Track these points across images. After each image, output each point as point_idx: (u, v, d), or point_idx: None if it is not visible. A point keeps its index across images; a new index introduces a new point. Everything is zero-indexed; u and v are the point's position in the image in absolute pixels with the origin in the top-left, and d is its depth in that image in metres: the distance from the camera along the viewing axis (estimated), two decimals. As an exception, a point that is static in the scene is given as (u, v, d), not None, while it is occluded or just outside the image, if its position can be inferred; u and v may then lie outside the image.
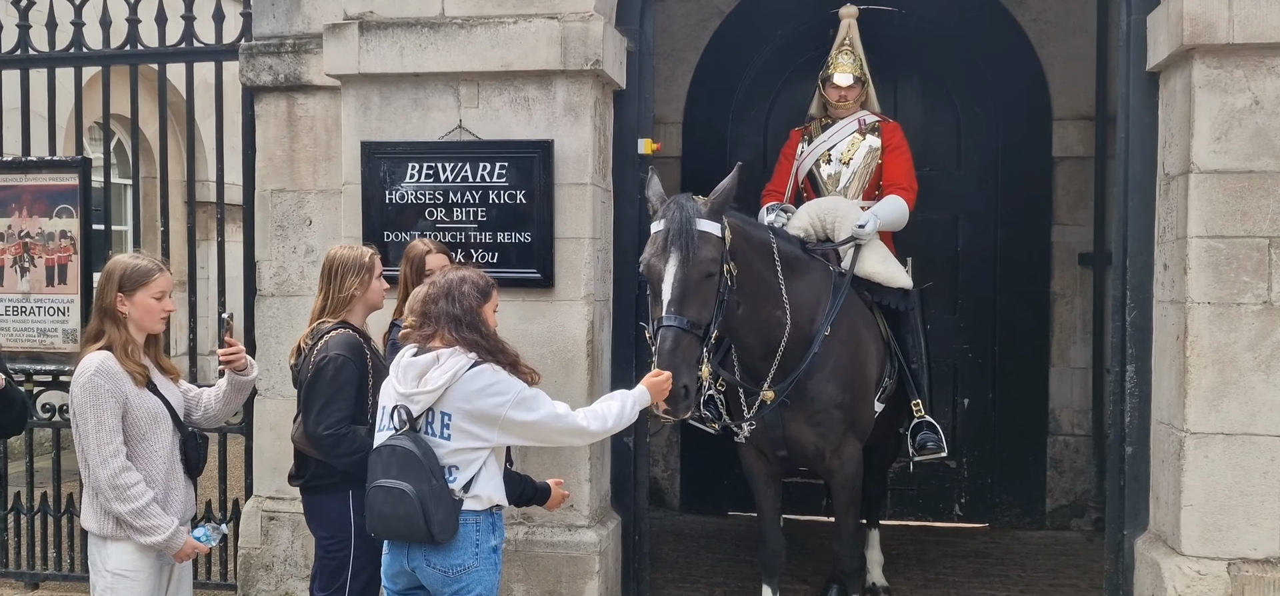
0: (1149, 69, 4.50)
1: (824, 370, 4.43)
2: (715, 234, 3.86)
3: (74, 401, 3.20)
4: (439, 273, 3.49)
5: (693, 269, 3.75)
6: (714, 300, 3.79)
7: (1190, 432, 4.19)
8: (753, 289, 4.14)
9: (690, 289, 3.74)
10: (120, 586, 3.24)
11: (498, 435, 3.22)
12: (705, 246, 3.79)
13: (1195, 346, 4.17)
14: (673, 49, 6.91)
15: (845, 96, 5.34)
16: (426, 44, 4.63)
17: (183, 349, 5.94)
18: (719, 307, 3.83)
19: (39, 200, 5.43)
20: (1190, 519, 4.20)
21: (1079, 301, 6.72)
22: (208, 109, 5.60)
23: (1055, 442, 6.79)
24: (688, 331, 3.71)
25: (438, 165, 4.67)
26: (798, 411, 4.44)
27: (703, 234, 3.80)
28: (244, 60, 5.14)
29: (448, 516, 3.14)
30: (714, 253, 3.81)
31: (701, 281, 3.77)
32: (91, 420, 3.15)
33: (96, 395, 3.14)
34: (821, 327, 4.40)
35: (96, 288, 3.35)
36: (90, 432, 3.15)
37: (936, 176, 6.48)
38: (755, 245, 4.24)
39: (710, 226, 3.84)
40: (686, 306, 3.72)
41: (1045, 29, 6.69)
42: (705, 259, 3.77)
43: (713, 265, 3.80)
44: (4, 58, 5.60)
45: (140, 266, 3.29)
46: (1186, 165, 4.20)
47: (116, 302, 3.24)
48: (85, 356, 3.23)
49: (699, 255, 3.76)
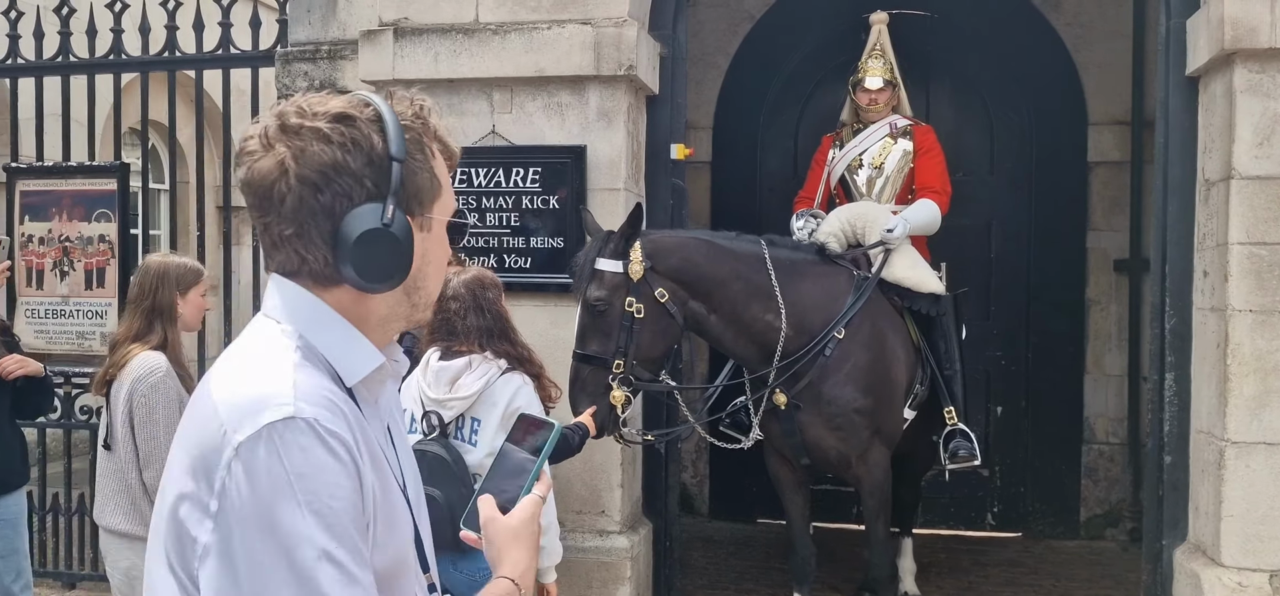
0: (1189, 73, 4.45)
1: (839, 373, 4.41)
2: (613, 270, 4.06)
3: (140, 398, 3.22)
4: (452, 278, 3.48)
5: (587, 307, 4.07)
6: (617, 331, 4.05)
7: (1231, 442, 4.12)
8: (723, 298, 4.27)
9: (588, 324, 4.08)
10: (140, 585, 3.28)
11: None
12: (598, 286, 4.03)
13: (1236, 354, 4.11)
14: (704, 54, 6.91)
15: (876, 100, 5.31)
16: (460, 50, 4.65)
17: (214, 353, 5.99)
18: (627, 336, 4.07)
19: (78, 205, 5.50)
20: (1231, 529, 4.13)
21: (1114, 308, 6.64)
22: (243, 114, 5.65)
23: (1090, 451, 6.71)
24: (589, 363, 4.04)
25: (471, 170, 4.69)
26: (815, 415, 4.43)
27: (598, 273, 4.03)
28: (280, 66, 5.18)
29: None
30: (606, 290, 4.04)
31: (597, 317, 4.06)
32: (161, 421, 3.19)
33: (167, 396, 3.20)
34: (833, 330, 4.39)
35: (146, 287, 3.37)
36: (160, 434, 3.18)
37: (969, 181, 6.43)
38: (733, 255, 4.33)
39: (609, 264, 4.06)
40: (588, 341, 4.07)
41: (1080, 33, 6.62)
42: (598, 297, 4.02)
43: (605, 303, 4.03)
44: (45, 64, 5.68)
45: (190, 266, 3.34)
46: (1227, 171, 4.14)
47: (175, 302, 3.27)
48: (140, 355, 3.25)
49: (593, 293, 4.03)
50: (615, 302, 4.03)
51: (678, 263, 4.20)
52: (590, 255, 4.09)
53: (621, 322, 4.03)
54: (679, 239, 4.38)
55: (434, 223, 1.32)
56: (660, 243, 4.21)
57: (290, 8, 5.27)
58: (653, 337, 4.12)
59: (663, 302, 4.11)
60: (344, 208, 1.23)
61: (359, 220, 1.23)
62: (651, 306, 4.08)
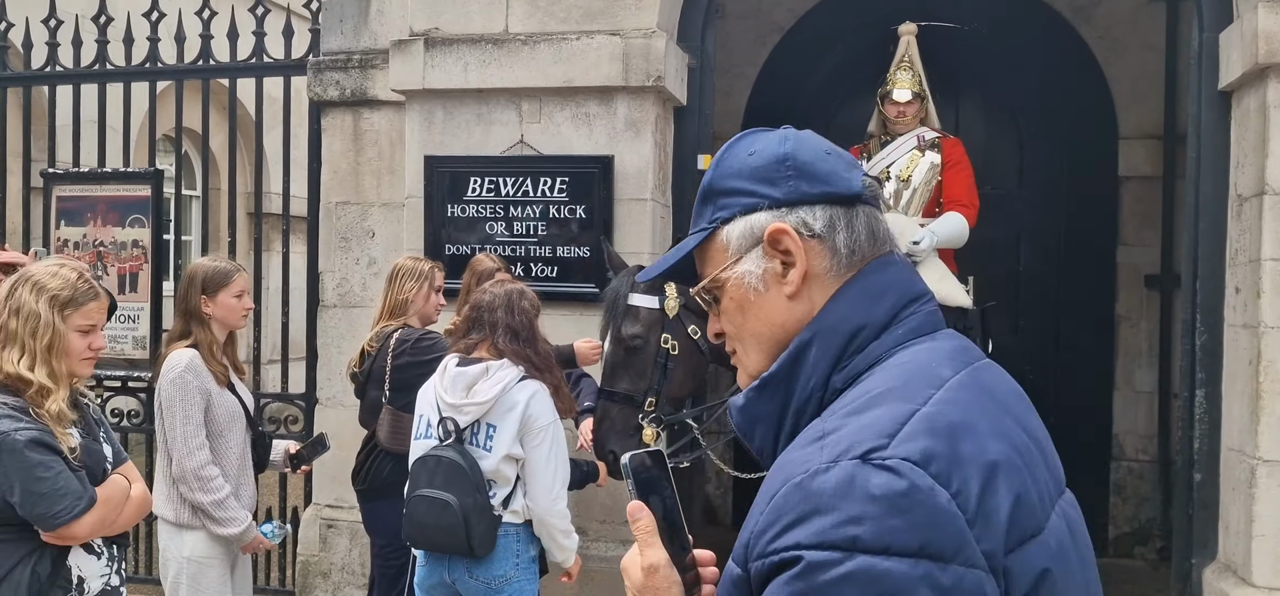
0: (1221, 87, 4.40)
1: None
2: (649, 307, 3.93)
3: (162, 395, 3.35)
4: (493, 281, 3.54)
5: (620, 343, 3.90)
6: (651, 369, 3.91)
7: (1263, 460, 4.07)
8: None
9: (618, 362, 3.90)
10: (194, 571, 3.37)
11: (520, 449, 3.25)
12: (633, 323, 3.87)
13: (1269, 372, 4.06)
14: (731, 65, 6.92)
15: (904, 113, 5.30)
16: (490, 60, 4.68)
17: (245, 357, 6.05)
18: (660, 374, 3.94)
19: (112, 210, 5.58)
20: (1262, 549, 4.08)
21: (1145, 324, 6.58)
22: (274, 122, 5.73)
23: (1119, 468, 6.64)
24: (618, 402, 3.88)
25: (499, 179, 4.72)
26: None
27: (632, 309, 3.90)
28: (312, 75, 5.24)
29: (488, 531, 3.17)
30: (642, 327, 3.90)
31: (631, 354, 3.90)
32: (179, 413, 3.29)
33: (185, 390, 3.29)
34: None
35: (179, 291, 3.51)
36: (177, 425, 3.29)
37: (998, 194, 6.39)
38: None
39: (644, 301, 3.93)
40: (617, 379, 3.90)
41: (1111, 46, 6.58)
42: (633, 334, 3.87)
43: (639, 339, 3.89)
44: (83, 72, 5.77)
45: (221, 268, 3.42)
46: (1260, 186, 4.10)
47: (201, 304, 3.37)
48: (172, 354, 3.37)
49: (626, 331, 3.87)
50: (651, 340, 3.93)
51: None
52: (623, 290, 3.95)
53: (656, 360, 3.91)
54: None
55: None
56: None
57: (323, 17, 5.33)
58: (685, 375, 4.03)
59: (696, 339, 4.02)
60: None
61: None
62: (686, 343, 3.99)
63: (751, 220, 1.22)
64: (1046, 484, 1.15)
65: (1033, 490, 1.09)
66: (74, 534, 2.56)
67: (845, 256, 1.20)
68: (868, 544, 0.98)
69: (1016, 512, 1.04)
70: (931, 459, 1.02)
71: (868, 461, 1.01)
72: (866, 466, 1.01)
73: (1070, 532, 1.15)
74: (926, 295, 1.24)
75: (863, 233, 1.21)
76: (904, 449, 1.02)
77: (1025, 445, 1.13)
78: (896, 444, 1.02)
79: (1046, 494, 1.13)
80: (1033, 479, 1.10)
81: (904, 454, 1.02)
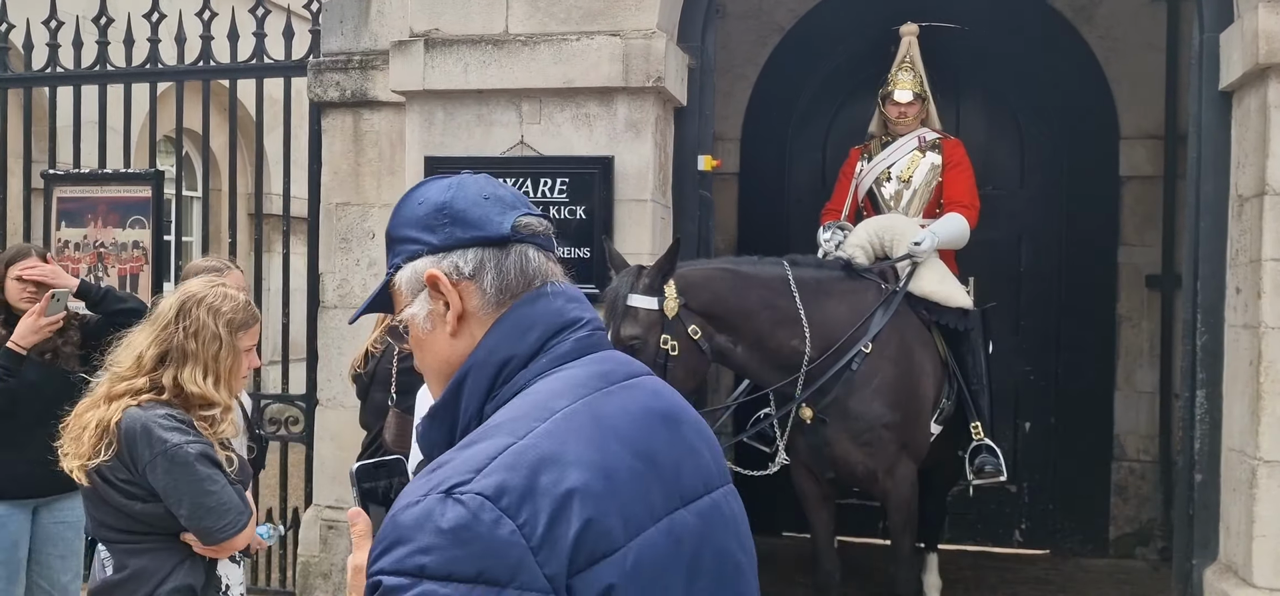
0: (1222, 88, 4.40)
1: (867, 388, 4.38)
2: (648, 308, 3.94)
3: None
4: None
5: (620, 344, 3.87)
6: (651, 370, 3.85)
7: (1264, 461, 4.07)
8: (749, 329, 4.21)
9: None
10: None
11: None
12: (633, 324, 3.90)
13: (1269, 372, 4.05)
14: (732, 65, 6.91)
15: (905, 113, 5.30)
16: (490, 61, 4.69)
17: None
18: (660, 374, 3.87)
19: (113, 211, 5.58)
20: (1263, 550, 4.07)
21: (1146, 324, 6.57)
22: (275, 123, 5.73)
23: (1120, 468, 6.63)
24: None
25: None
26: (841, 430, 4.40)
27: (631, 310, 3.92)
28: (312, 76, 5.25)
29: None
30: (641, 327, 3.92)
31: (629, 356, 3.84)
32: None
33: None
34: (859, 345, 4.36)
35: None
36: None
37: (999, 195, 6.39)
38: (759, 283, 4.29)
39: (644, 301, 3.94)
40: None
41: (1112, 46, 6.57)
42: (632, 335, 3.89)
43: (640, 341, 3.90)
44: (83, 73, 5.78)
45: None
46: (1261, 186, 4.09)
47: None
48: None
49: (625, 332, 3.89)
50: (650, 341, 3.93)
51: (708, 298, 4.13)
52: (622, 291, 3.96)
53: (655, 361, 3.90)
54: (707, 272, 4.30)
55: None
56: (691, 278, 4.13)
57: (323, 18, 5.33)
58: (685, 374, 4.02)
59: (695, 339, 4.04)
60: None
61: None
62: (685, 343, 4.00)
63: (416, 266, 1.34)
64: (650, 502, 1.21)
65: (615, 513, 1.16)
66: (234, 546, 2.67)
67: (494, 295, 1.32)
68: (432, 572, 1.10)
69: (585, 536, 1.13)
70: (504, 492, 1.12)
71: (450, 495, 1.12)
72: (446, 500, 1.12)
73: (677, 542, 1.22)
74: (578, 321, 1.34)
75: (513, 271, 1.33)
76: (481, 484, 1.13)
77: (627, 469, 1.20)
78: (479, 479, 1.13)
79: (644, 512, 1.20)
80: (621, 502, 1.17)
81: (479, 488, 1.12)
